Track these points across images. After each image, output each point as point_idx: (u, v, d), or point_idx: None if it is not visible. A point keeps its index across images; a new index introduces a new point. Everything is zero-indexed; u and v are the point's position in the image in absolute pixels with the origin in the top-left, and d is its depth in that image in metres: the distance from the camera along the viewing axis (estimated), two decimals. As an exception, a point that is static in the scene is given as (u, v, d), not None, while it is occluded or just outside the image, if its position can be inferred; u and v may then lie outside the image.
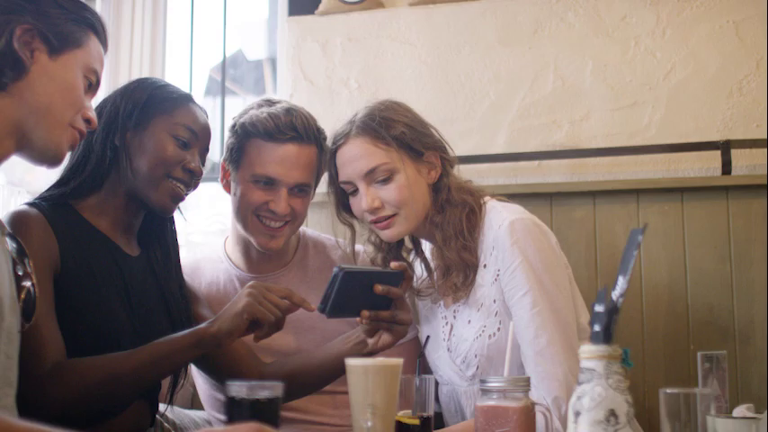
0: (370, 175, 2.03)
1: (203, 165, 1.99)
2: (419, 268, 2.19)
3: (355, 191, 2.07)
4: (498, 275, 1.98)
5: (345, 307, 1.85)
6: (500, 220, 2.00)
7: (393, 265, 1.93)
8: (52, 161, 1.56)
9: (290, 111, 2.14)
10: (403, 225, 2.05)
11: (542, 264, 1.94)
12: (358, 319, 1.88)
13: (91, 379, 1.70)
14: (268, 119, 2.11)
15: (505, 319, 1.97)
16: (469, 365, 2.03)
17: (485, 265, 2.01)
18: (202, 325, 1.77)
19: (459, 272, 2.03)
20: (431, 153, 2.07)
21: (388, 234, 2.06)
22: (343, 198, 2.14)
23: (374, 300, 1.87)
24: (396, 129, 2.04)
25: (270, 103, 2.18)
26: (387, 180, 2.02)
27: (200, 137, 1.96)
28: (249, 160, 2.12)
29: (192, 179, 1.94)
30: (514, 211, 2.03)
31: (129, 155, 1.90)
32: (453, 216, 2.04)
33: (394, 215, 2.04)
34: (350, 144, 2.06)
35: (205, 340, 1.76)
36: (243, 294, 1.76)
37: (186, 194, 1.95)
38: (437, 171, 2.08)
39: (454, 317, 2.08)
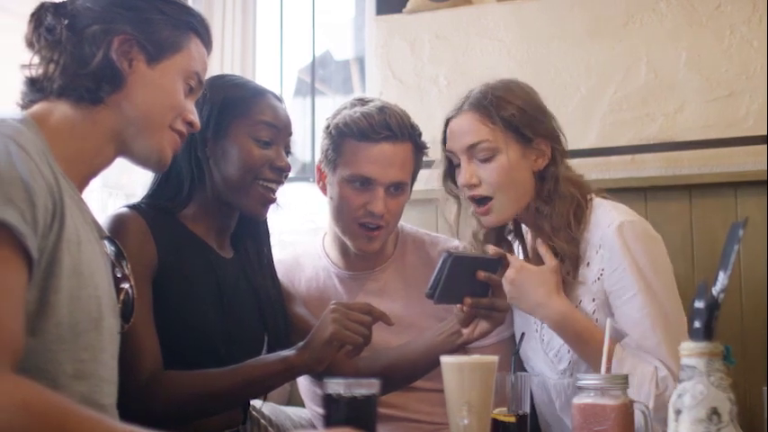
0: (472, 150, 2.03)
1: (288, 155, 1.98)
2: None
3: (459, 164, 2.07)
4: (602, 275, 1.96)
5: (451, 293, 1.85)
6: (609, 219, 1.97)
7: (491, 251, 1.93)
8: (157, 166, 1.59)
9: (384, 109, 2.14)
10: (501, 213, 2.04)
11: (652, 267, 1.92)
12: (459, 306, 1.88)
13: (183, 396, 1.74)
14: (361, 118, 2.11)
15: (602, 317, 1.94)
16: (562, 359, 2.02)
17: (588, 263, 1.99)
18: (292, 352, 1.78)
19: (565, 262, 2.01)
20: (541, 140, 2.05)
21: (486, 220, 2.06)
22: (450, 169, 2.14)
23: (475, 286, 1.86)
24: (506, 110, 2.03)
25: (362, 102, 2.19)
26: (488, 159, 2.02)
27: (282, 130, 1.95)
28: (344, 161, 2.13)
29: (282, 176, 1.95)
30: (624, 212, 2.00)
31: (214, 164, 1.91)
32: (562, 208, 2.01)
33: (491, 199, 2.02)
34: (459, 117, 2.07)
35: (296, 369, 1.79)
36: (328, 320, 1.75)
37: (276, 194, 1.96)
38: (544, 159, 2.06)
39: None
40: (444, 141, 2.11)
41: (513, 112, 2.02)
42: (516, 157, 2.02)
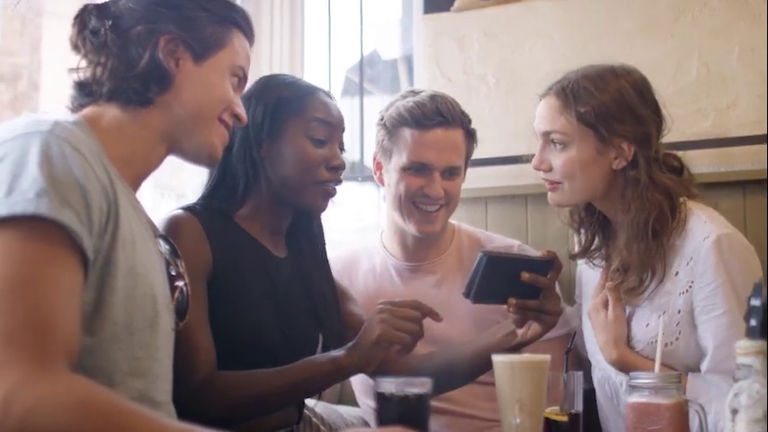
0: (547, 137, 2.02)
1: (342, 152, 2.00)
2: (598, 237, 2.13)
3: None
4: (690, 287, 1.90)
5: (490, 293, 1.85)
6: (705, 232, 1.91)
7: (542, 253, 1.92)
8: (208, 161, 1.60)
9: (435, 97, 2.23)
10: (566, 197, 2.03)
11: (747, 285, 1.74)
12: (506, 306, 1.88)
13: (236, 398, 1.76)
14: (414, 107, 2.20)
15: (686, 330, 1.91)
16: None
17: (676, 273, 1.94)
18: (342, 353, 1.79)
19: (635, 275, 1.96)
20: (621, 140, 1.97)
21: (550, 197, 2.06)
22: None
23: (522, 288, 1.85)
24: (585, 105, 1.97)
25: (414, 93, 2.28)
26: (561, 148, 1.99)
27: (336, 126, 1.97)
28: (400, 149, 2.21)
29: (339, 174, 1.96)
30: (720, 225, 1.94)
31: (270, 165, 1.92)
32: (640, 216, 1.94)
33: (560, 182, 2.01)
34: (543, 100, 2.05)
35: (345, 370, 1.80)
36: (375, 321, 1.75)
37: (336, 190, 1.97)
38: (623, 160, 1.99)
39: (626, 311, 2.02)
40: None
41: (591, 108, 1.95)
42: (590, 153, 1.98)
